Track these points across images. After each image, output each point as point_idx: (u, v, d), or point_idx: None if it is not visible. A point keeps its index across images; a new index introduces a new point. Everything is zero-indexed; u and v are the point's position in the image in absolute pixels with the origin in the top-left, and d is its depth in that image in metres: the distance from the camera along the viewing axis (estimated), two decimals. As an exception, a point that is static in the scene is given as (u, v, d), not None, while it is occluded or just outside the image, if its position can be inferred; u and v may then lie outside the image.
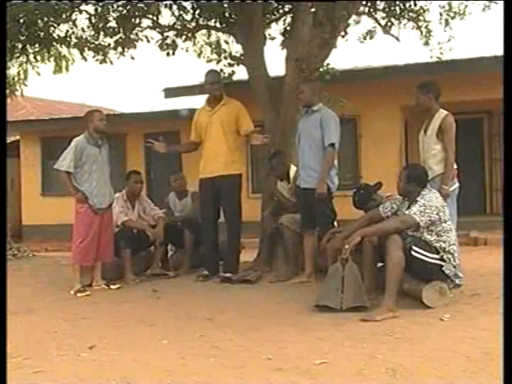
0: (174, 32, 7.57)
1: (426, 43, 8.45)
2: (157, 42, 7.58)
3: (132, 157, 13.52)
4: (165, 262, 6.91)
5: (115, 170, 7.57)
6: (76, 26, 7.46)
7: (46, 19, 6.92)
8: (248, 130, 5.93)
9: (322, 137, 5.46)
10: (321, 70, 6.95)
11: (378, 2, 7.83)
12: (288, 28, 7.40)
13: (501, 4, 7.30)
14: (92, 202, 5.87)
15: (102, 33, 7.32)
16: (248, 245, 7.41)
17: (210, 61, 8.86)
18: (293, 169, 6.11)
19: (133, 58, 7.66)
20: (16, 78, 9.94)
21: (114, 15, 7.18)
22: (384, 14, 7.99)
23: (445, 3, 8.29)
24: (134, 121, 13.55)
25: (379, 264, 4.78)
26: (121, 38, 7.31)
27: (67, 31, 7.49)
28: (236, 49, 7.82)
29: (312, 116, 5.57)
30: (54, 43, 7.72)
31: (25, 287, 6.24)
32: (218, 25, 7.46)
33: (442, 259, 4.48)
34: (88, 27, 7.42)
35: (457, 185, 5.10)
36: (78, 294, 5.67)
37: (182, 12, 7.39)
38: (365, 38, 8.57)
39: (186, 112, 12.35)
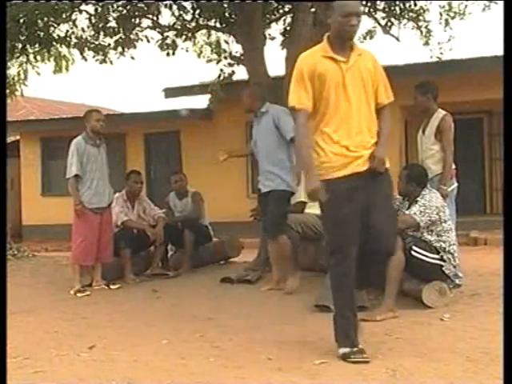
0: (174, 32, 7.58)
1: (426, 43, 8.46)
2: (157, 42, 7.60)
3: (132, 157, 13.52)
4: (165, 261, 6.91)
5: (115, 170, 7.59)
6: (76, 26, 7.48)
7: (46, 19, 6.92)
8: (387, 101, 3.55)
9: (279, 136, 5.30)
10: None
11: (377, 2, 7.84)
12: (288, 28, 7.40)
13: (501, 4, 7.30)
14: (91, 201, 5.86)
15: (102, 33, 7.33)
16: (248, 245, 7.42)
17: (209, 61, 8.88)
18: None
19: (133, 58, 7.68)
20: (16, 78, 9.94)
21: (114, 15, 7.20)
22: (384, 14, 8.00)
23: (445, 3, 8.31)
24: (134, 121, 13.56)
25: (379, 264, 4.77)
26: (121, 38, 7.32)
27: (67, 31, 7.50)
28: (236, 49, 7.83)
29: (263, 119, 5.44)
30: (54, 43, 7.73)
31: (25, 287, 6.24)
32: (218, 25, 7.47)
33: (442, 259, 4.48)
34: (88, 27, 7.43)
35: (455, 185, 5.10)
36: (78, 294, 5.67)
37: (182, 12, 7.41)
38: (365, 38, 8.58)
39: (186, 112, 12.39)
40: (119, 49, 7.47)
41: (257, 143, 5.51)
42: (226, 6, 7.05)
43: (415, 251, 4.36)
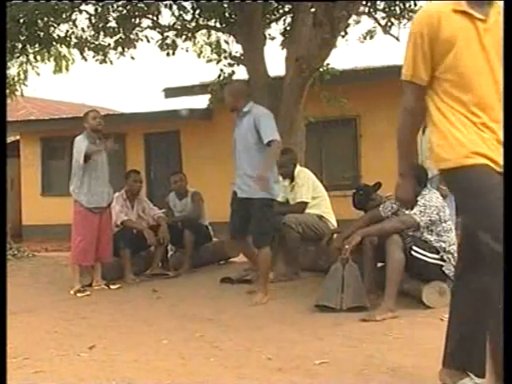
0: (174, 32, 7.58)
1: (426, 43, 8.45)
2: (157, 42, 7.61)
3: (132, 157, 13.52)
4: (165, 261, 6.91)
5: (115, 170, 7.59)
6: (76, 26, 7.49)
7: (46, 19, 6.93)
8: None
9: (258, 139, 4.93)
10: (321, 70, 6.96)
11: (378, 2, 7.84)
12: (288, 28, 7.41)
13: (501, 4, 7.30)
14: (89, 201, 5.85)
15: (102, 33, 7.34)
16: (248, 245, 7.41)
17: (209, 61, 8.87)
18: (298, 169, 6.10)
19: (133, 57, 7.69)
20: (16, 78, 9.95)
21: (114, 15, 7.20)
22: (384, 14, 7.99)
23: (445, 3, 8.30)
24: (134, 121, 13.56)
25: (379, 264, 4.78)
26: (121, 38, 7.32)
27: (67, 31, 7.51)
28: (236, 49, 7.83)
29: (244, 119, 5.07)
30: (54, 43, 7.74)
31: (25, 287, 6.24)
32: (218, 25, 7.47)
33: (442, 259, 4.48)
34: (88, 27, 7.44)
35: None
36: (78, 294, 5.67)
37: (182, 12, 7.41)
38: (365, 38, 8.58)
39: (186, 112, 12.39)
40: (119, 49, 7.48)
41: (236, 144, 5.13)
42: (226, 5, 7.05)
43: (415, 251, 4.36)
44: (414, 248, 4.36)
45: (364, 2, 7.56)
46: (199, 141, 12.75)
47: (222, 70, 7.93)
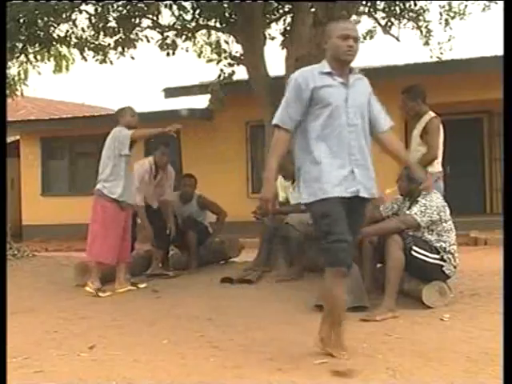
0: (174, 32, 7.59)
1: (426, 43, 8.47)
2: (157, 41, 7.61)
3: (132, 156, 13.51)
4: (165, 261, 6.91)
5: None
6: (76, 26, 7.49)
7: (46, 19, 6.93)
8: None
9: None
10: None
11: (377, 2, 7.84)
12: (288, 28, 7.41)
13: (501, 4, 7.31)
14: (122, 194, 5.71)
15: (101, 33, 7.34)
16: (248, 245, 7.42)
17: (210, 61, 8.89)
18: None
19: (133, 57, 7.70)
20: (16, 78, 9.95)
21: (114, 15, 7.20)
22: (384, 14, 8.00)
23: (445, 3, 8.32)
24: (134, 121, 13.55)
25: (379, 264, 4.78)
26: (121, 38, 7.33)
27: (67, 31, 7.52)
28: (236, 49, 7.84)
29: (357, 83, 3.56)
30: (54, 43, 7.75)
31: (25, 287, 6.23)
32: (218, 25, 7.47)
33: (442, 259, 4.48)
34: (88, 27, 7.45)
35: (441, 187, 5.02)
36: (100, 294, 5.53)
37: (181, 12, 7.41)
38: (365, 38, 8.59)
39: (186, 112, 12.40)
40: (119, 49, 7.48)
41: (348, 111, 3.41)
42: (226, 5, 7.05)
43: (415, 251, 4.36)
44: (414, 248, 4.36)
45: (364, 2, 7.57)
46: (199, 141, 12.76)
47: (222, 70, 7.93)
